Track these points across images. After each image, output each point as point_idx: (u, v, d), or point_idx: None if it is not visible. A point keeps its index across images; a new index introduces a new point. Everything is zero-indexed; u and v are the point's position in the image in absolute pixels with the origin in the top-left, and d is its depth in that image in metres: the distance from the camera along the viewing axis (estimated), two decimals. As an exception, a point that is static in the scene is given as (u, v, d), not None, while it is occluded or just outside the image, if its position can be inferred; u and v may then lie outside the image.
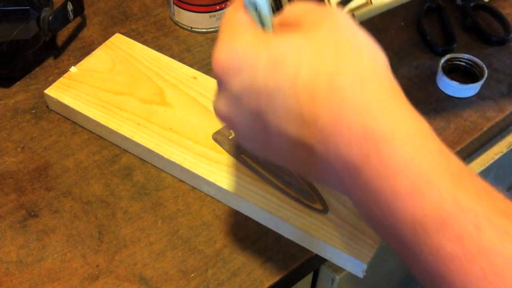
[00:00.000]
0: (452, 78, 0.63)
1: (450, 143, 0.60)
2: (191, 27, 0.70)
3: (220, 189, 0.53)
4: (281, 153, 0.36)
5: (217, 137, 0.56)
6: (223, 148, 0.55)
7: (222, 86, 0.36)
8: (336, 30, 0.34)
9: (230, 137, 0.55)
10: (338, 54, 0.33)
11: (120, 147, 0.58)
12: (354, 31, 0.35)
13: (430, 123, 0.63)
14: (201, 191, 0.55)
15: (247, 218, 0.53)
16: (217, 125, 0.57)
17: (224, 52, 0.35)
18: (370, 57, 0.34)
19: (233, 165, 0.54)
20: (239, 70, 0.34)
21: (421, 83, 0.65)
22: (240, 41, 0.35)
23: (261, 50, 0.34)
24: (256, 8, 0.37)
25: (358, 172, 0.31)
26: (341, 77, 0.32)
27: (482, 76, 0.64)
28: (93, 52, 0.64)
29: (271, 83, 0.33)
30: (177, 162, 0.54)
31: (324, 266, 0.56)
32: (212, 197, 0.54)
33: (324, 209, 0.51)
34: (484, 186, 0.31)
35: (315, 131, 0.33)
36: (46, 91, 0.59)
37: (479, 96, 0.64)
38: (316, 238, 0.49)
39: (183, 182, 0.55)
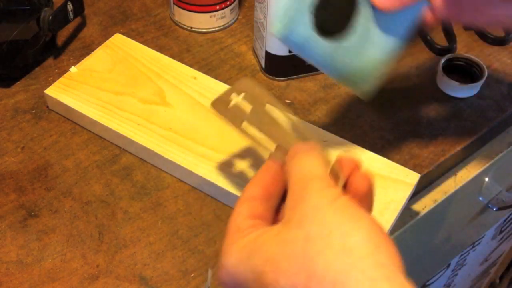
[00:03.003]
0: (452, 78, 0.63)
1: (450, 143, 0.60)
2: (191, 27, 0.70)
3: (220, 189, 0.53)
4: None
5: (217, 105, 0.48)
6: (223, 116, 0.48)
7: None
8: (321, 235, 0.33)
9: (230, 105, 0.48)
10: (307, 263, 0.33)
11: (120, 147, 0.58)
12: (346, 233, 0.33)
13: (430, 123, 0.63)
14: (201, 191, 0.55)
15: (247, 218, 0.53)
16: (217, 125, 0.57)
17: (222, 268, 0.38)
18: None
19: (233, 165, 0.54)
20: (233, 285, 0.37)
21: (421, 83, 0.65)
22: (229, 256, 0.37)
23: (245, 266, 0.35)
24: None
25: None
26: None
27: (482, 76, 0.64)
28: (93, 52, 0.64)
29: None
30: (177, 162, 0.54)
31: (324, 266, 0.56)
32: (212, 197, 0.54)
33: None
34: None
35: None
36: (46, 91, 0.59)
37: (479, 96, 0.64)
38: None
39: (183, 182, 0.55)
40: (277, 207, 0.39)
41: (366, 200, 0.38)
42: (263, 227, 0.37)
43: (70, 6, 0.64)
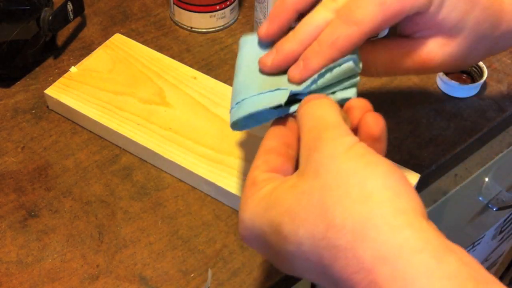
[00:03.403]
0: (452, 78, 0.63)
1: (450, 143, 0.60)
2: (191, 27, 0.70)
3: (220, 189, 0.53)
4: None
5: None
6: None
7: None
8: (338, 183, 0.32)
9: None
10: (327, 212, 0.32)
11: (120, 147, 0.58)
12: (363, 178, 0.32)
13: (430, 123, 0.63)
14: (201, 191, 0.55)
15: (247, 218, 0.53)
16: (217, 125, 0.57)
17: (240, 222, 0.37)
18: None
19: (233, 165, 0.54)
20: (251, 240, 0.37)
21: (421, 83, 0.65)
22: (246, 210, 0.36)
23: (261, 219, 0.35)
24: None
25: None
26: (337, 237, 0.31)
27: (482, 76, 0.64)
28: (93, 52, 0.64)
29: (279, 250, 0.34)
30: (177, 162, 0.54)
31: (324, 266, 0.56)
32: (212, 197, 0.54)
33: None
34: None
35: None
36: (46, 91, 0.59)
37: (479, 96, 0.64)
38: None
39: (183, 182, 0.55)
40: (297, 157, 0.38)
41: (379, 143, 0.37)
42: (279, 179, 0.36)
43: (70, 6, 0.64)
